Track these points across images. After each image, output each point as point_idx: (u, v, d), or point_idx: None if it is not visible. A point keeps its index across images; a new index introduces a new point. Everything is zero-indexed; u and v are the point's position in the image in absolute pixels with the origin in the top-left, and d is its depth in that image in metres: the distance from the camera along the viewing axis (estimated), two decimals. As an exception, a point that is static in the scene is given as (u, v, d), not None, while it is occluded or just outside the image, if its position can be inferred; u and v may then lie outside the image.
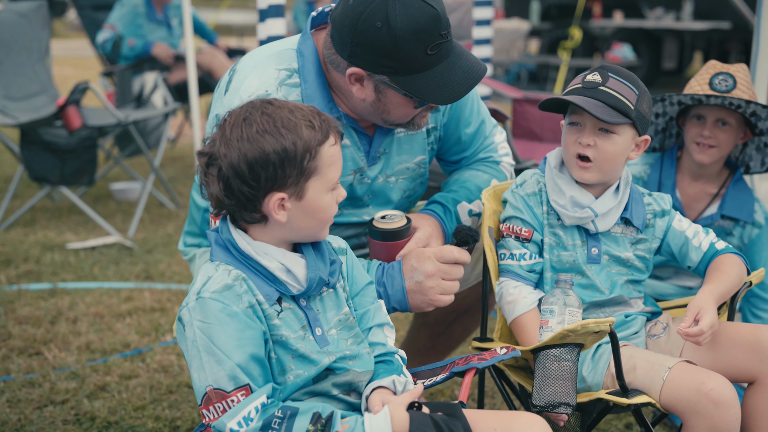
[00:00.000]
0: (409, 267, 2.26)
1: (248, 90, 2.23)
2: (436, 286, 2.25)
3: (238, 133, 1.79)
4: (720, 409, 2.03)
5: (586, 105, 2.20)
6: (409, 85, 2.14)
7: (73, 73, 12.36)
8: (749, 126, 2.88)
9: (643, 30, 12.24)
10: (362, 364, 1.93)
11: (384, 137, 2.38)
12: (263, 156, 1.77)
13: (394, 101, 2.20)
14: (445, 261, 2.27)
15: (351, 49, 2.13)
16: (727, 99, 2.77)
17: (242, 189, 1.79)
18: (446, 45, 2.15)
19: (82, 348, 3.54)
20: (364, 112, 2.27)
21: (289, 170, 1.79)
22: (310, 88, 2.26)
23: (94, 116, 5.48)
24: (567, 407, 2.05)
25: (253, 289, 1.82)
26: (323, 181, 1.84)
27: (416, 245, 2.31)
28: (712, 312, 2.16)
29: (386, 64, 2.12)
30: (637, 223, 2.36)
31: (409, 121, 2.28)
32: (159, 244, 5.05)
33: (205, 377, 1.76)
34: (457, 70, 2.17)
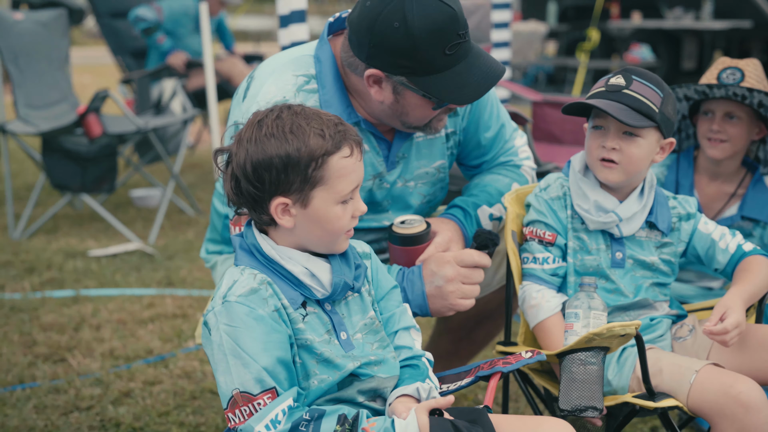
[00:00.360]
0: (429, 271, 2.26)
1: (266, 96, 2.24)
2: (457, 290, 2.24)
3: (249, 134, 1.82)
4: (749, 412, 2.01)
5: (609, 109, 2.19)
6: (428, 85, 2.14)
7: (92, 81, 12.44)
8: (764, 122, 2.85)
9: (661, 30, 12.16)
10: (387, 370, 1.92)
11: (403, 142, 2.38)
12: (267, 159, 1.79)
13: (412, 103, 2.20)
14: (465, 265, 2.26)
15: (369, 51, 2.13)
16: (730, 89, 2.74)
17: (249, 189, 1.81)
18: (464, 45, 2.14)
19: (106, 354, 3.56)
20: (383, 115, 2.27)
21: (292, 176, 1.79)
22: (328, 93, 2.26)
23: (114, 124, 5.51)
24: (594, 411, 2.04)
25: (278, 293, 1.82)
26: (331, 192, 1.82)
27: (436, 250, 2.30)
28: (738, 312, 2.14)
29: (404, 64, 2.12)
30: (662, 227, 2.34)
31: (426, 123, 2.27)
32: (180, 251, 5.07)
33: (231, 380, 1.76)
34: (475, 71, 2.16)
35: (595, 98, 2.26)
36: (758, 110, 2.79)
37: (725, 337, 2.12)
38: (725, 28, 11.36)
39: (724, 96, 2.78)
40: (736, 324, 2.12)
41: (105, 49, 7.77)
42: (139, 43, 7.43)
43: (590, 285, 2.18)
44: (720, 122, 2.81)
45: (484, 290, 2.55)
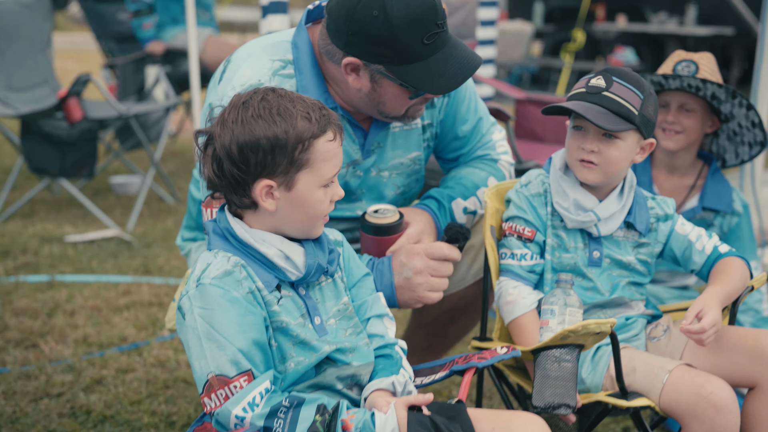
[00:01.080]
0: (398, 263, 2.26)
1: (241, 79, 2.23)
2: (425, 283, 2.25)
3: (234, 115, 1.80)
4: (719, 413, 2.02)
5: (588, 113, 2.19)
6: (405, 74, 2.14)
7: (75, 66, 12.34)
8: (716, 114, 2.90)
9: (646, 34, 12.22)
10: (361, 357, 1.92)
11: (379, 131, 2.38)
12: (254, 140, 1.78)
13: (389, 92, 2.20)
14: (434, 258, 2.26)
15: (347, 39, 2.14)
16: (685, 80, 2.79)
17: (232, 171, 1.80)
18: (442, 35, 2.15)
19: (79, 341, 3.53)
20: (360, 104, 2.26)
21: (279, 158, 1.79)
22: (305, 79, 2.26)
23: (96, 109, 5.46)
24: (567, 408, 2.04)
25: (252, 276, 1.81)
26: (316, 175, 1.83)
27: (407, 241, 2.30)
28: (715, 311, 2.15)
29: (382, 53, 2.12)
30: (640, 228, 2.34)
31: (403, 113, 2.27)
32: (158, 239, 5.04)
33: (206, 364, 1.75)
34: (453, 61, 2.17)
35: (575, 100, 2.25)
36: (711, 102, 2.84)
37: (702, 336, 2.13)
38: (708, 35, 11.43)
39: (678, 87, 2.84)
40: (712, 323, 2.13)
41: (89, 34, 7.71)
42: (123, 28, 7.35)
43: (567, 282, 2.18)
44: (675, 113, 2.87)
45: (458, 285, 2.55)
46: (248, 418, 1.72)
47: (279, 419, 1.72)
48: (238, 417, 1.72)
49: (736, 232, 2.95)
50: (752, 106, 2.80)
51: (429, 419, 1.76)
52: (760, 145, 2.89)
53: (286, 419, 1.72)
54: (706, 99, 2.85)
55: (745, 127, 2.87)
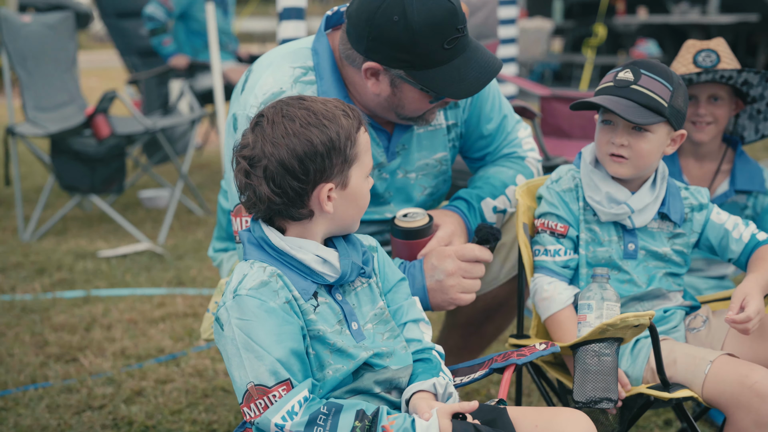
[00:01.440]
0: (429, 265, 2.26)
1: (263, 88, 2.25)
2: (457, 285, 2.25)
3: (282, 129, 1.80)
4: (765, 402, 2.00)
5: (616, 108, 2.18)
6: (426, 79, 2.15)
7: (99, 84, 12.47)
8: (740, 96, 2.89)
9: (668, 25, 12.13)
10: (399, 361, 1.92)
11: (403, 133, 2.38)
12: (312, 148, 1.79)
13: (409, 96, 2.21)
14: (466, 259, 2.26)
15: (367, 44, 2.14)
16: (718, 72, 2.78)
17: (292, 185, 1.80)
18: (462, 39, 2.15)
19: (117, 354, 3.56)
20: (378, 108, 2.27)
21: (335, 159, 1.81)
22: (325, 84, 2.27)
23: (122, 124, 5.52)
24: (609, 402, 2.03)
25: (288, 285, 1.82)
26: (362, 167, 1.87)
27: (438, 244, 2.30)
28: (758, 299, 2.13)
29: (403, 58, 2.13)
30: (675, 218, 2.33)
31: (420, 116, 2.28)
32: (189, 250, 5.08)
33: (245, 374, 1.76)
34: (473, 65, 2.17)
35: (603, 94, 2.24)
36: (740, 88, 2.83)
37: (747, 326, 2.10)
38: (732, 22, 11.32)
39: (710, 80, 2.82)
40: (757, 311, 2.11)
41: (112, 52, 7.80)
42: (146, 43, 7.44)
43: (603, 276, 2.17)
44: (705, 105, 2.85)
45: (492, 284, 2.55)
46: (288, 426, 1.72)
47: (318, 427, 1.72)
48: (277, 425, 1.73)
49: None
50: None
51: (474, 427, 1.75)
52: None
53: (325, 427, 1.72)
54: (736, 86, 2.83)
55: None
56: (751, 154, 7.29)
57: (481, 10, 5.09)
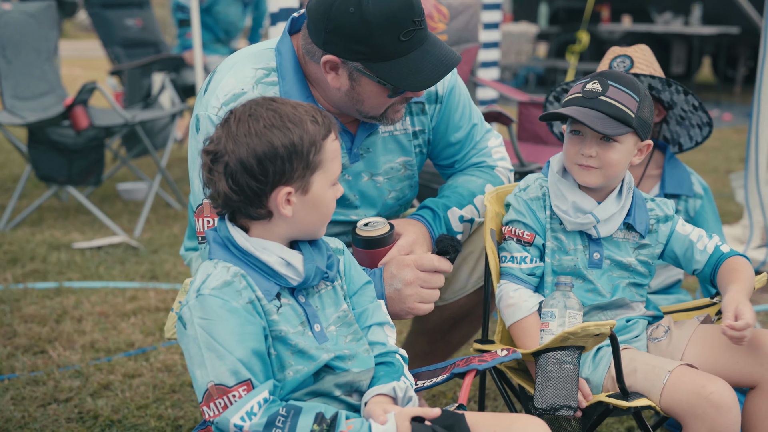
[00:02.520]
0: (389, 274, 2.27)
1: (224, 89, 2.25)
2: (415, 294, 2.26)
3: (245, 128, 1.81)
4: (720, 412, 2.03)
5: (585, 119, 2.20)
6: (382, 71, 2.16)
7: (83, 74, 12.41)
8: (661, 103, 2.93)
9: (651, 34, 12.22)
10: (361, 364, 1.93)
11: (366, 135, 2.39)
12: (272, 150, 1.79)
13: (368, 90, 2.21)
14: (424, 269, 2.27)
15: (325, 36, 2.15)
16: None
17: (250, 184, 1.80)
18: (419, 33, 2.16)
19: (87, 347, 3.56)
20: (341, 103, 2.28)
21: (296, 164, 1.81)
22: (288, 84, 2.28)
23: (102, 116, 5.50)
24: (569, 409, 2.05)
25: (252, 285, 1.83)
26: (327, 175, 1.87)
27: (398, 252, 2.31)
28: (749, 307, 2.15)
29: (359, 50, 2.14)
30: (640, 229, 2.36)
31: (382, 113, 2.28)
32: (165, 245, 5.07)
33: (206, 373, 1.77)
34: (430, 58, 2.18)
35: (571, 105, 2.27)
36: (651, 93, 2.87)
37: (746, 333, 2.12)
38: (714, 34, 11.42)
39: None
40: (753, 318, 2.13)
41: (97, 41, 7.75)
42: (129, 34, 7.41)
43: (566, 284, 2.19)
44: None
45: (459, 293, 2.56)
46: (246, 426, 1.73)
47: (277, 428, 1.73)
48: (236, 426, 1.73)
49: (702, 214, 2.97)
50: (689, 91, 2.84)
51: (431, 429, 1.77)
52: (708, 125, 2.92)
53: (284, 428, 1.73)
54: None
55: (689, 111, 2.90)
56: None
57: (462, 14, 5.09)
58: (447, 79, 2.49)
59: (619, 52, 2.93)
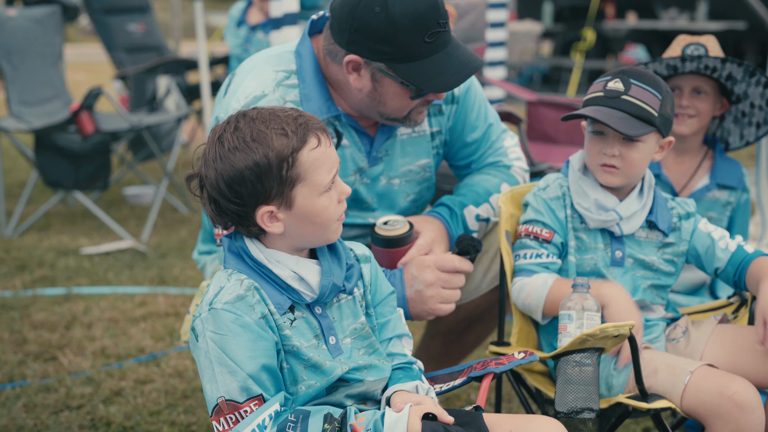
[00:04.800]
0: (409, 275, 2.26)
1: (245, 91, 2.24)
2: (436, 295, 2.24)
3: (213, 153, 1.78)
4: (744, 412, 2.00)
5: (609, 120, 2.18)
6: (406, 72, 2.14)
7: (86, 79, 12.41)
8: (725, 96, 2.89)
9: (656, 31, 12.18)
10: (376, 373, 1.90)
11: (385, 138, 2.37)
12: (238, 174, 1.75)
13: (390, 91, 2.20)
14: (445, 270, 2.25)
15: (349, 36, 2.14)
16: (702, 61, 2.77)
17: (230, 207, 1.78)
18: (444, 35, 2.15)
19: (97, 353, 3.54)
20: (361, 105, 2.26)
21: (268, 183, 1.76)
22: (308, 87, 2.27)
23: (108, 121, 5.49)
24: (590, 412, 2.02)
25: (265, 299, 1.79)
26: (311, 186, 1.79)
27: (418, 252, 2.30)
28: None
29: (384, 50, 2.12)
30: (663, 227, 2.33)
31: (405, 115, 2.26)
32: (173, 249, 5.05)
33: (216, 388, 1.75)
34: (454, 60, 2.17)
35: (593, 105, 2.24)
36: (723, 84, 2.83)
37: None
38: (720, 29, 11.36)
39: (694, 70, 2.81)
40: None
41: (100, 46, 7.74)
42: (133, 39, 7.40)
43: (583, 286, 2.17)
44: (688, 97, 2.84)
45: (474, 294, 2.54)
46: None
47: None
48: None
49: (745, 207, 2.95)
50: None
51: (443, 428, 1.74)
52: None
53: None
54: (720, 80, 2.83)
55: (757, 107, 2.86)
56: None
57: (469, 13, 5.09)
58: None
59: (690, 40, 2.85)
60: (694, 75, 2.83)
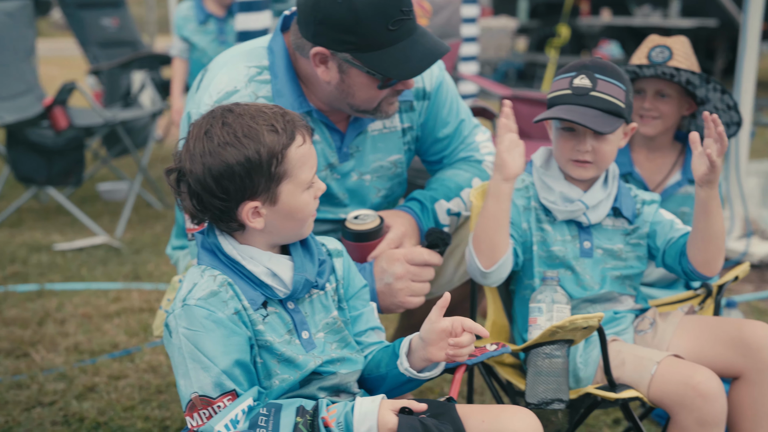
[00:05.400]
0: (379, 269, 2.27)
1: (218, 87, 2.24)
2: (406, 288, 2.26)
3: (200, 147, 1.77)
4: (707, 401, 2.04)
5: (584, 120, 2.20)
6: (371, 61, 2.15)
7: (59, 73, 12.31)
8: (693, 97, 2.93)
9: (630, 28, 12.27)
10: (349, 366, 1.92)
11: (356, 134, 2.39)
12: (228, 169, 1.75)
13: (357, 81, 2.20)
14: (415, 263, 2.27)
15: (314, 28, 2.15)
16: (659, 69, 2.81)
17: (213, 203, 1.78)
18: (408, 22, 2.16)
19: (71, 349, 3.53)
20: (331, 98, 2.27)
21: (257, 179, 1.77)
22: (280, 83, 2.27)
23: (82, 116, 5.46)
24: (560, 403, 2.05)
25: (238, 294, 1.80)
26: (296, 183, 1.81)
27: (388, 246, 2.31)
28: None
29: (348, 40, 2.13)
30: (627, 214, 2.36)
31: (375, 107, 2.27)
32: (147, 245, 5.04)
33: (190, 384, 1.75)
34: (419, 47, 2.17)
35: (562, 103, 2.25)
36: (686, 87, 2.87)
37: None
38: (692, 27, 11.48)
39: (653, 75, 2.86)
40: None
41: (73, 40, 7.68)
42: (106, 33, 7.35)
43: (553, 279, 2.20)
44: (651, 100, 2.88)
45: (445, 287, 2.56)
46: None
47: (261, 428, 1.72)
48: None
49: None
50: (726, 90, 2.84)
51: (419, 422, 1.76)
52: (737, 125, 2.93)
53: (267, 427, 1.73)
54: (681, 84, 2.87)
55: (721, 110, 2.91)
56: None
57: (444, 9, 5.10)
58: (434, 75, 2.48)
59: (659, 42, 2.90)
60: (657, 78, 2.87)
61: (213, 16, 5.74)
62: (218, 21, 5.74)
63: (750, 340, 2.19)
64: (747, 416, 2.20)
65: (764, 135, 8.43)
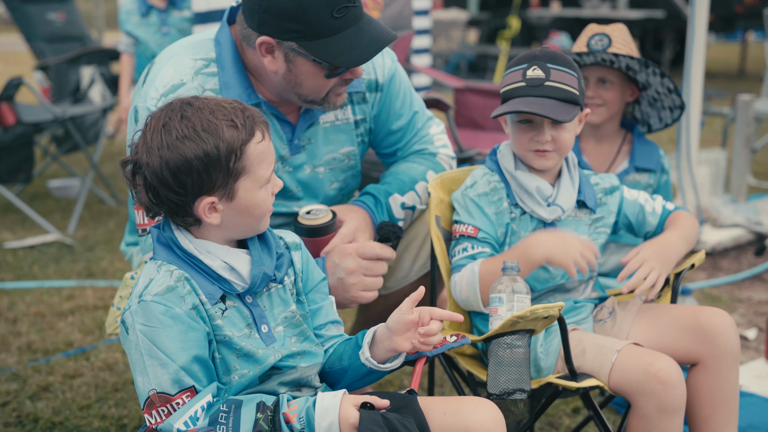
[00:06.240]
0: (331, 263, 2.26)
1: (164, 80, 2.22)
2: (358, 283, 2.25)
3: (158, 140, 1.74)
4: (667, 388, 2.07)
5: (543, 110, 2.20)
6: (317, 49, 2.14)
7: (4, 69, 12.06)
8: (635, 83, 2.97)
9: (580, 19, 12.40)
10: (309, 359, 1.91)
11: (307, 126, 2.37)
12: (185, 163, 1.72)
13: (304, 71, 2.19)
14: (367, 257, 2.26)
15: (259, 17, 2.13)
16: (598, 55, 2.85)
17: (170, 196, 1.75)
18: (354, 10, 2.15)
19: (23, 348, 3.46)
20: (279, 89, 2.26)
21: (215, 174, 1.74)
22: (227, 75, 2.25)
23: (30, 112, 5.35)
24: (522, 393, 2.06)
25: (196, 289, 1.78)
26: (254, 179, 1.79)
27: (341, 240, 2.30)
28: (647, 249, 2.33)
29: (293, 29, 2.11)
30: (591, 204, 2.39)
31: (323, 96, 2.26)
32: (100, 241, 4.96)
33: (148, 381, 1.73)
34: (365, 35, 2.16)
35: (518, 96, 2.26)
36: (627, 73, 2.90)
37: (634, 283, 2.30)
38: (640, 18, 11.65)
39: (593, 62, 2.89)
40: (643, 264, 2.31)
41: (18, 35, 7.53)
42: (53, 28, 7.22)
43: (513, 269, 2.20)
44: (594, 88, 2.92)
45: (403, 281, 2.56)
46: (190, 431, 1.70)
47: (221, 425, 1.71)
48: (180, 431, 1.71)
49: (666, 189, 3.04)
50: (665, 73, 2.88)
51: (381, 417, 1.75)
52: (680, 108, 2.98)
53: (228, 424, 1.71)
54: (622, 70, 2.91)
55: (662, 94, 2.95)
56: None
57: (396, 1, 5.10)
58: (387, 67, 2.48)
59: (597, 30, 2.93)
60: (598, 66, 2.91)
61: (154, 7, 5.67)
62: (160, 13, 5.67)
63: (707, 327, 2.23)
64: (705, 401, 2.23)
65: (713, 124, 8.59)
